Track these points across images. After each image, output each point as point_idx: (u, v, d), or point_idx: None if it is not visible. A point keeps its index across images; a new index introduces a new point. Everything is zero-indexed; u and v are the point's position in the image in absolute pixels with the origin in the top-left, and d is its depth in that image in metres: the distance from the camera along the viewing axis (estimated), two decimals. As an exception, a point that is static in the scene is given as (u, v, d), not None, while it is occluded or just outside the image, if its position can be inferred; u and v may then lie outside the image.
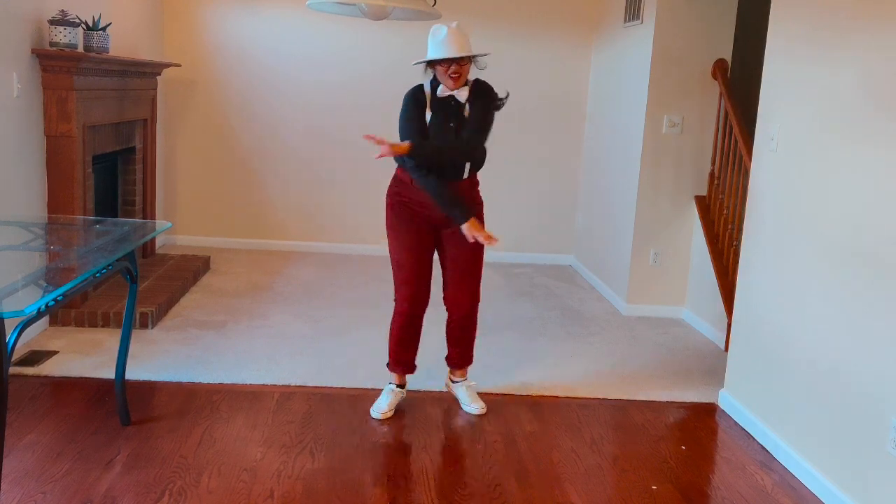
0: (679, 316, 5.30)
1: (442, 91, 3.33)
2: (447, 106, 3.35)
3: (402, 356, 3.59)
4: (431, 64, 3.33)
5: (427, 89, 3.37)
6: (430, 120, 3.35)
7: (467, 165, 3.43)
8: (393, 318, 3.55)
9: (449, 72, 3.28)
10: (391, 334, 3.57)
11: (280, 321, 4.71)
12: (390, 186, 3.51)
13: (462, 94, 3.35)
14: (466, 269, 3.49)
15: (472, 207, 3.39)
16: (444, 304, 3.56)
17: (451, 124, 3.34)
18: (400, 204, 3.45)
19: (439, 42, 3.26)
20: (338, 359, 4.13)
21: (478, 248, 3.48)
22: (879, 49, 2.83)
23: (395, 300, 3.52)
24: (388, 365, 3.62)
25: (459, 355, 3.66)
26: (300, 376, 3.86)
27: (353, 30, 6.21)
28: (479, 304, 3.59)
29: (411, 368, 3.63)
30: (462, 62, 3.28)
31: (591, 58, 6.46)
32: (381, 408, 3.51)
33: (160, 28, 6.21)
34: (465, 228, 3.27)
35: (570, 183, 6.64)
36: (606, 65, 6.07)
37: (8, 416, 3.05)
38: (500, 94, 3.45)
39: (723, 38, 5.03)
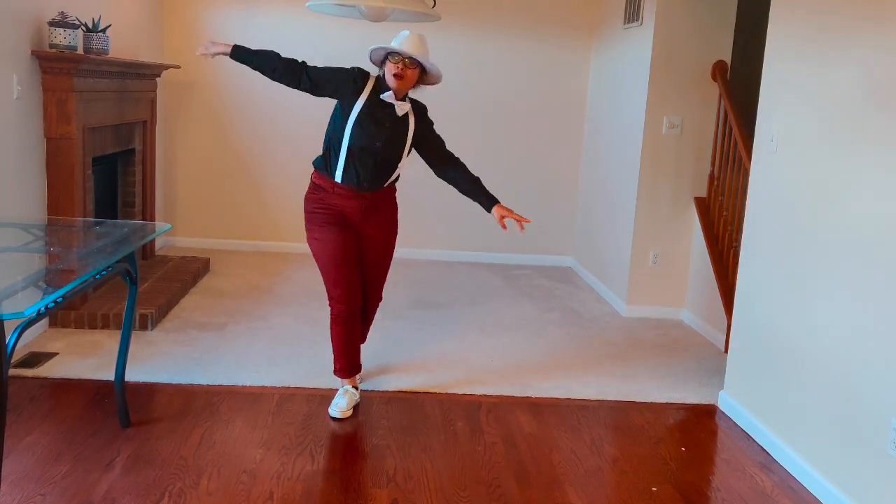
0: (679, 317, 5.30)
1: (387, 96, 3.33)
2: (382, 111, 3.35)
3: (351, 359, 3.59)
4: (384, 62, 3.34)
5: (371, 82, 3.37)
6: (360, 111, 3.32)
7: (391, 178, 3.50)
8: (331, 321, 3.53)
9: (395, 70, 3.28)
10: (333, 339, 3.55)
11: (280, 323, 4.70)
12: (308, 193, 3.51)
13: (401, 109, 3.36)
14: (376, 272, 3.61)
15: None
16: None
17: (385, 128, 3.34)
18: (321, 209, 3.45)
19: (400, 39, 3.30)
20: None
21: (388, 252, 3.62)
22: (879, 49, 2.84)
23: (330, 304, 3.52)
24: (336, 372, 3.61)
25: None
26: (300, 378, 3.86)
27: (352, 31, 6.21)
28: (380, 304, 3.76)
29: (358, 368, 3.65)
30: (410, 66, 3.29)
31: (590, 59, 6.46)
32: (342, 406, 3.48)
33: (160, 30, 6.21)
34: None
35: (569, 184, 6.64)
36: (606, 66, 6.07)
37: (7, 417, 3.05)
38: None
39: (722, 40, 5.04)
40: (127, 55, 5.28)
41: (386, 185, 3.50)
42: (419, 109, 3.48)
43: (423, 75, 3.38)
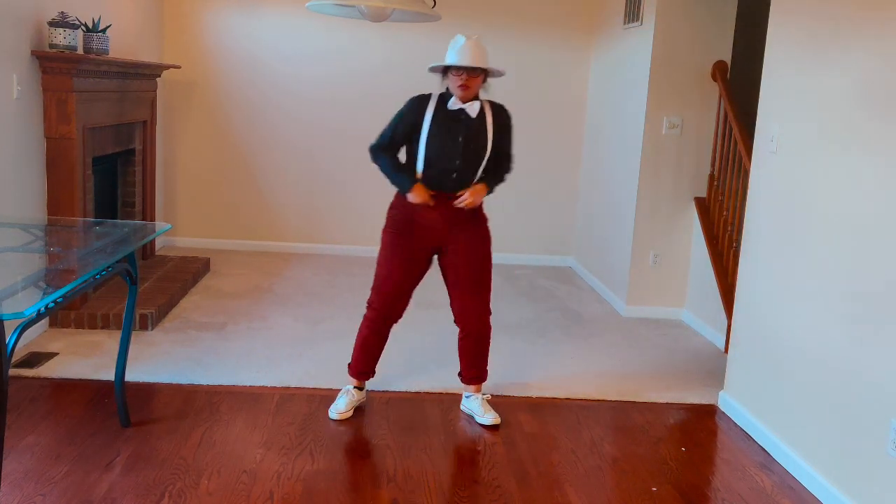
0: (679, 317, 5.30)
1: (453, 103, 3.30)
2: (456, 119, 3.32)
3: (365, 365, 3.56)
4: (446, 72, 3.31)
5: (434, 99, 3.34)
6: (430, 130, 3.30)
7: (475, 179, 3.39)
8: (363, 322, 3.53)
9: (458, 82, 3.25)
10: (358, 339, 3.55)
11: (280, 323, 4.70)
12: (393, 201, 3.47)
13: (472, 110, 3.31)
14: (472, 280, 3.43)
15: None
16: (455, 321, 3.54)
17: (460, 138, 3.30)
18: (402, 220, 3.41)
19: (456, 50, 3.25)
20: (337, 360, 4.12)
21: (483, 259, 3.45)
22: (879, 51, 2.84)
23: (368, 305, 3.51)
24: (348, 368, 3.60)
25: (473, 372, 3.58)
26: (300, 378, 3.86)
27: (353, 32, 6.21)
28: (491, 316, 3.53)
29: (371, 375, 3.61)
30: (472, 74, 3.25)
31: (590, 59, 6.46)
32: (339, 408, 3.48)
33: (160, 30, 6.21)
34: (412, 196, 3.30)
35: (569, 184, 6.65)
36: (606, 66, 6.07)
37: (7, 417, 3.05)
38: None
39: (722, 40, 5.04)
40: (127, 55, 5.28)
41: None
42: (502, 115, 3.42)
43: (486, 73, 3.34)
